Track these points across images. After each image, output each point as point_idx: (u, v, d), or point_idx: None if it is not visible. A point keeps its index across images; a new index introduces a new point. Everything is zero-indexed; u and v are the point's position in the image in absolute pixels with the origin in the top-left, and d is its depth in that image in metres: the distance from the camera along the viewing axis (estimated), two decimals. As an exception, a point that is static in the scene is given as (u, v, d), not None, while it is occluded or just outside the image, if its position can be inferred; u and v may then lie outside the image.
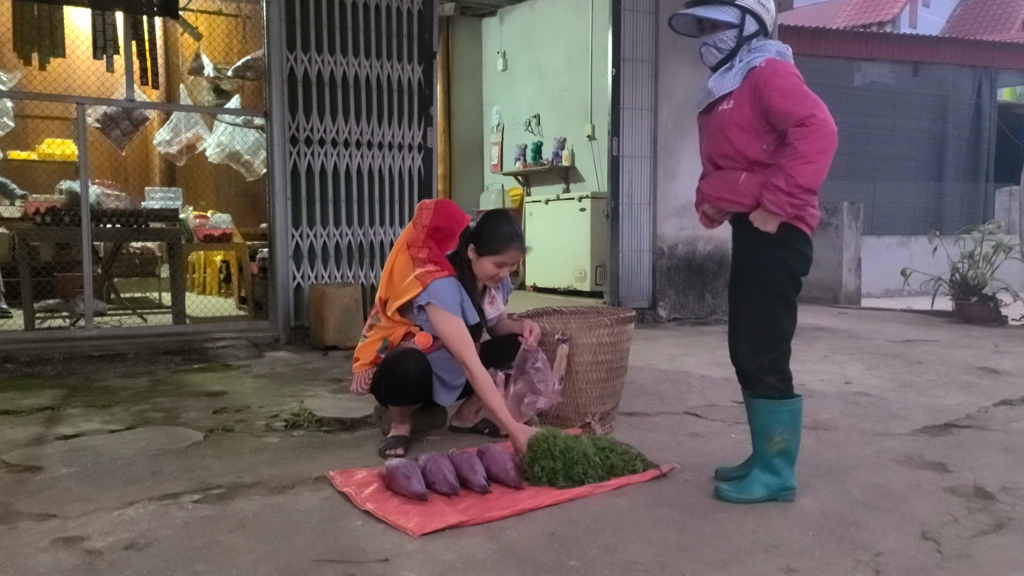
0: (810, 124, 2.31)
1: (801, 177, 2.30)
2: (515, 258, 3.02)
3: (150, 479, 2.67)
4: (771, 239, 2.43)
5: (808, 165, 2.30)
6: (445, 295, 2.91)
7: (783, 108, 2.36)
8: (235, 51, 8.50)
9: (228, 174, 8.37)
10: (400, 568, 1.99)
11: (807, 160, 2.30)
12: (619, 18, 6.74)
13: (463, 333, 2.88)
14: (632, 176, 6.88)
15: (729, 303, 2.67)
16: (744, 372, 2.56)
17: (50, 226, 5.44)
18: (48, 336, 5.12)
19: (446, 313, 2.88)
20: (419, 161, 5.92)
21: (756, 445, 2.53)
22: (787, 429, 2.48)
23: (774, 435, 2.47)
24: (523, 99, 9.88)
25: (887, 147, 12.03)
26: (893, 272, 7.96)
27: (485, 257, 3.00)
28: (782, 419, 2.47)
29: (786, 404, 2.49)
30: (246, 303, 6.72)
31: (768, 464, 2.49)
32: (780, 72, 2.41)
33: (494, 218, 3.07)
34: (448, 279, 2.96)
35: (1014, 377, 4.60)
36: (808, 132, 2.31)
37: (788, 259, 2.46)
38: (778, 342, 2.50)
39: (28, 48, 5.87)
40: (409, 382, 2.93)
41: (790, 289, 2.49)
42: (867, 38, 13.28)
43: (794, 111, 2.35)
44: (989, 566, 2.03)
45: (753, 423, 2.54)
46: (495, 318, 3.22)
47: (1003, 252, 7.30)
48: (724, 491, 2.50)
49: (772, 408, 2.48)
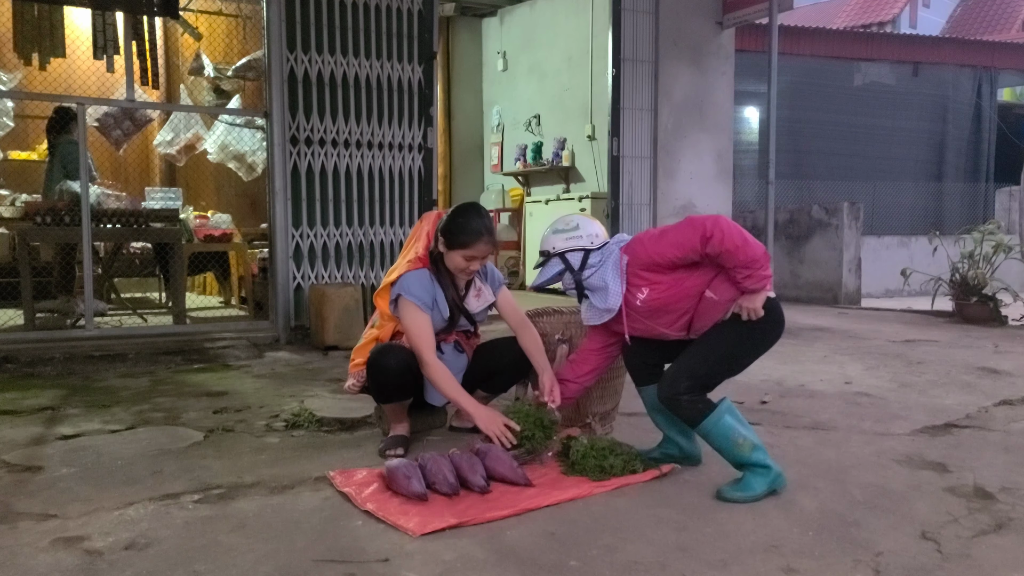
0: (712, 233, 2.46)
1: (752, 254, 2.47)
2: (484, 252, 2.99)
3: (150, 479, 2.67)
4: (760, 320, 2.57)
5: (744, 247, 2.46)
6: (414, 287, 2.94)
7: (682, 252, 2.52)
8: (235, 51, 8.49)
9: (228, 174, 8.36)
10: (400, 568, 1.99)
11: (740, 246, 2.46)
12: (619, 18, 6.74)
13: (421, 326, 2.91)
14: (632, 176, 6.88)
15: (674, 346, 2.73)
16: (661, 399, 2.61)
17: (50, 226, 5.44)
18: (48, 336, 5.13)
19: (411, 304, 2.92)
20: (419, 161, 5.92)
21: (729, 458, 2.57)
22: (739, 428, 2.54)
23: (735, 439, 2.52)
24: (523, 99, 9.88)
25: (887, 147, 12.04)
26: (893, 272, 7.96)
27: (454, 251, 2.96)
28: (729, 425, 2.53)
29: (720, 412, 2.54)
30: (246, 303, 6.72)
31: (752, 462, 2.53)
32: (645, 243, 2.61)
33: (464, 211, 3.03)
34: (419, 271, 2.98)
35: (1014, 377, 4.60)
36: (718, 237, 2.46)
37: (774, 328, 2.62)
38: (703, 378, 2.58)
39: (28, 48, 5.88)
40: (391, 376, 2.93)
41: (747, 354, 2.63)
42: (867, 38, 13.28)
43: (689, 245, 2.50)
44: (989, 566, 2.03)
45: (713, 444, 2.58)
46: (483, 311, 3.19)
47: (1003, 252, 7.29)
48: (728, 493, 2.51)
49: (715, 423, 2.53)
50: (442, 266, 3.02)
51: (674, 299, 2.60)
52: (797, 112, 10.98)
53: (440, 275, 3.02)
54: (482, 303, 3.17)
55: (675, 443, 2.82)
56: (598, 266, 2.66)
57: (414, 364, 2.96)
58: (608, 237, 2.76)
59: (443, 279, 3.03)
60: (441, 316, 3.03)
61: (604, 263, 2.66)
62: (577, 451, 2.73)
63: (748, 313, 2.54)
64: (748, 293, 2.54)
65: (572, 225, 2.73)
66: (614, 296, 2.63)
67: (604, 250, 2.69)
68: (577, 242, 2.69)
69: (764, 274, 2.49)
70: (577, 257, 2.69)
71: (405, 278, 2.95)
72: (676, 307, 2.62)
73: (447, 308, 3.04)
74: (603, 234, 2.75)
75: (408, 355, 2.93)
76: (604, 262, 2.66)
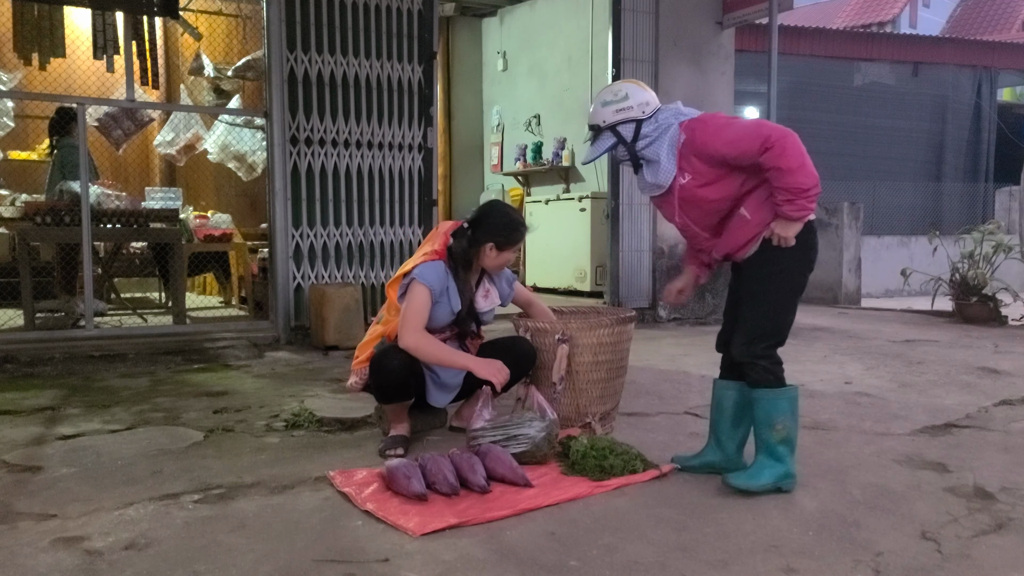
0: (772, 144, 2.37)
1: (803, 183, 2.37)
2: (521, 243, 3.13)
3: (150, 479, 2.67)
4: None
5: (800, 171, 2.37)
6: (428, 274, 2.96)
7: (737, 152, 2.44)
8: (235, 51, 8.49)
9: (228, 174, 8.36)
10: (400, 568, 1.99)
11: (794, 169, 2.37)
12: (619, 18, 6.74)
13: (419, 308, 2.92)
14: (632, 176, 6.86)
15: (729, 296, 2.72)
16: (737, 361, 2.59)
17: (50, 226, 5.44)
18: (48, 336, 5.12)
19: (420, 288, 2.93)
20: (419, 161, 5.92)
21: (759, 435, 2.55)
22: (788, 417, 2.52)
23: (776, 423, 2.50)
24: (523, 99, 9.88)
25: (887, 147, 12.04)
26: (893, 272, 7.96)
27: (506, 250, 3.06)
28: (782, 407, 2.51)
29: (785, 392, 2.53)
30: (246, 303, 6.72)
31: (772, 452, 2.51)
32: (707, 129, 2.50)
33: (503, 209, 3.15)
34: (436, 263, 3.01)
35: (1014, 377, 4.60)
36: (776, 151, 2.37)
37: (800, 257, 2.54)
38: (776, 332, 2.55)
39: (28, 48, 5.88)
40: (393, 377, 2.93)
41: (796, 289, 2.57)
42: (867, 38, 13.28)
43: (748, 148, 2.41)
44: (989, 566, 2.03)
45: (756, 413, 2.56)
46: (490, 312, 3.22)
47: (1003, 252, 7.29)
48: (732, 479, 2.51)
49: (772, 397, 2.51)
50: (460, 264, 3.04)
51: (709, 197, 2.52)
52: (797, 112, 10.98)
53: (456, 271, 3.05)
54: (489, 303, 3.19)
55: (720, 451, 2.73)
56: (653, 137, 2.55)
57: (417, 366, 2.97)
58: (660, 103, 2.63)
59: (459, 275, 3.05)
60: (451, 309, 3.04)
61: (660, 136, 2.55)
62: (577, 451, 2.73)
63: (779, 240, 2.47)
64: (783, 219, 2.45)
65: (621, 95, 2.60)
66: (665, 173, 2.54)
67: (659, 120, 2.57)
68: (628, 113, 2.57)
69: (806, 205, 2.40)
70: (629, 129, 2.58)
71: (422, 266, 2.98)
72: (708, 207, 2.54)
73: (459, 303, 3.05)
74: (654, 101, 2.62)
75: (410, 356, 2.93)
76: (660, 135, 2.55)
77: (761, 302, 2.55)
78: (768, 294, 2.54)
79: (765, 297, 2.54)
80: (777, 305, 2.54)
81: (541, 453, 2.78)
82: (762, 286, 2.55)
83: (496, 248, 3.04)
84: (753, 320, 2.55)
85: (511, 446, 2.73)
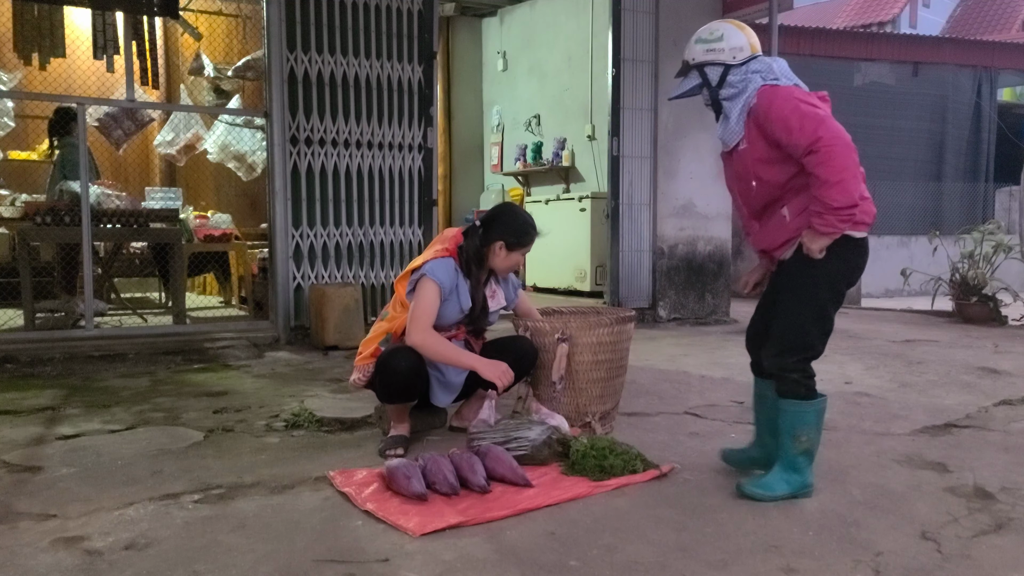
0: (819, 149, 2.31)
1: (835, 200, 2.31)
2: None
3: (150, 479, 2.67)
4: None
5: (836, 187, 2.30)
6: (439, 271, 2.97)
7: (788, 141, 2.38)
8: (235, 51, 8.49)
9: (228, 174, 8.37)
10: (400, 568, 1.99)
11: (831, 184, 2.30)
12: (619, 18, 6.74)
13: (428, 305, 2.92)
14: (632, 176, 6.88)
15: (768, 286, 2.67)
16: (768, 371, 2.56)
17: (50, 226, 5.44)
18: (48, 336, 5.12)
19: (430, 284, 2.94)
20: (419, 161, 5.92)
21: (781, 443, 2.52)
22: (812, 429, 2.49)
23: (800, 435, 2.47)
24: (523, 99, 9.88)
25: (887, 147, 12.02)
26: (893, 272, 7.95)
27: (515, 251, 3.08)
28: (808, 420, 2.48)
29: (813, 404, 2.49)
30: (246, 303, 6.72)
31: (792, 462, 2.49)
32: (775, 103, 2.41)
33: (515, 211, 3.18)
34: (446, 260, 3.02)
35: (1014, 377, 4.60)
36: (820, 158, 2.31)
37: (835, 270, 2.46)
38: (806, 347, 2.49)
39: (28, 48, 5.88)
40: (400, 378, 2.93)
41: (829, 302, 2.49)
42: (867, 38, 13.27)
43: (799, 142, 2.35)
44: (989, 566, 2.03)
45: (781, 422, 2.52)
46: (496, 313, 3.24)
47: (1003, 252, 7.29)
48: (748, 488, 2.49)
49: (799, 409, 2.48)
50: (472, 262, 3.05)
51: (758, 174, 2.47)
52: (797, 112, 10.97)
53: (468, 269, 3.06)
54: (495, 304, 3.21)
55: (762, 447, 2.71)
56: (736, 90, 2.49)
57: (423, 368, 2.97)
58: (756, 51, 2.53)
59: (471, 273, 3.07)
60: (460, 307, 3.05)
61: (740, 94, 2.48)
62: (577, 451, 2.73)
63: (806, 249, 2.42)
64: (812, 231, 2.39)
65: (716, 35, 2.52)
66: (731, 132, 2.50)
67: (748, 72, 2.48)
68: (718, 56, 2.50)
69: (835, 223, 2.32)
70: (716, 72, 2.51)
71: (432, 262, 2.99)
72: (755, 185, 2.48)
73: (468, 301, 3.06)
74: (748, 47, 2.51)
75: (418, 358, 2.94)
76: (741, 92, 2.48)
77: (792, 314, 2.49)
78: (799, 306, 2.48)
79: (796, 309, 2.48)
80: (807, 320, 2.47)
81: (541, 456, 2.77)
82: (794, 297, 2.49)
83: (506, 247, 3.05)
84: (781, 333, 2.51)
85: (510, 448, 2.73)
